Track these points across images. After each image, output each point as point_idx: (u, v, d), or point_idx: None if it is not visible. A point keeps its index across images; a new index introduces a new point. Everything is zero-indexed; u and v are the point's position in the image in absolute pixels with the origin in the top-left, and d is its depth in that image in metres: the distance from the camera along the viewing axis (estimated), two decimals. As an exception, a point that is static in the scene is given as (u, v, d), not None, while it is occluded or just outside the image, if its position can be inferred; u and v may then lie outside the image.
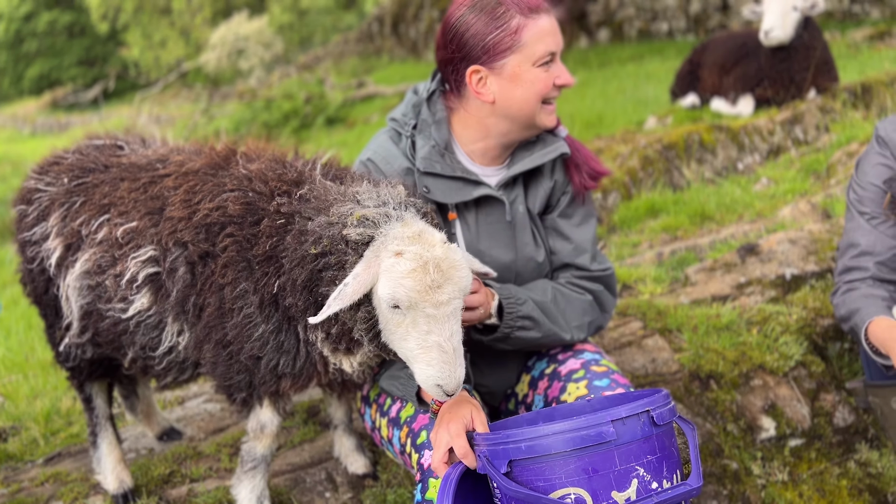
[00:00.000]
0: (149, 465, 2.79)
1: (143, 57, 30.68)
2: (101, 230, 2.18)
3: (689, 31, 13.67)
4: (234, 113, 18.66)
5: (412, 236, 1.66)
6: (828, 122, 5.75)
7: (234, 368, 2.03)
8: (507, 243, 2.15)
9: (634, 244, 4.56)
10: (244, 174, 2.00)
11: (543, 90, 2.03)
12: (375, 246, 1.66)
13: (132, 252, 2.09)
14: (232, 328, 1.96)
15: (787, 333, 3.18)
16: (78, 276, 2.22)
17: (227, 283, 1.94)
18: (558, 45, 2.02)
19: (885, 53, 8.38)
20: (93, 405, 2.59)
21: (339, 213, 1.73)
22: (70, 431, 3.43)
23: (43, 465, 3.03)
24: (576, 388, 2.05)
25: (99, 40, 39.53)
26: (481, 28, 1.99)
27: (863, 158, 2.64)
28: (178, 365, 2.23)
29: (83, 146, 2.44)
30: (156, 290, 2.10)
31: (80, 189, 2.29)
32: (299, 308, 1.79)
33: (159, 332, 2.15)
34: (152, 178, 2.16)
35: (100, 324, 2.24)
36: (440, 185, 2.10)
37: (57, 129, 31.17)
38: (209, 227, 1.96)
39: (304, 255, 1.73)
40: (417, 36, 19.85)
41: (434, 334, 1.63)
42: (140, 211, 2.12)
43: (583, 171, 2.21)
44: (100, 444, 2.58)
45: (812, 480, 2.83)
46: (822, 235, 3.79)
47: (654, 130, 6.21)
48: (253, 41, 24.36)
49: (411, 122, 2.18)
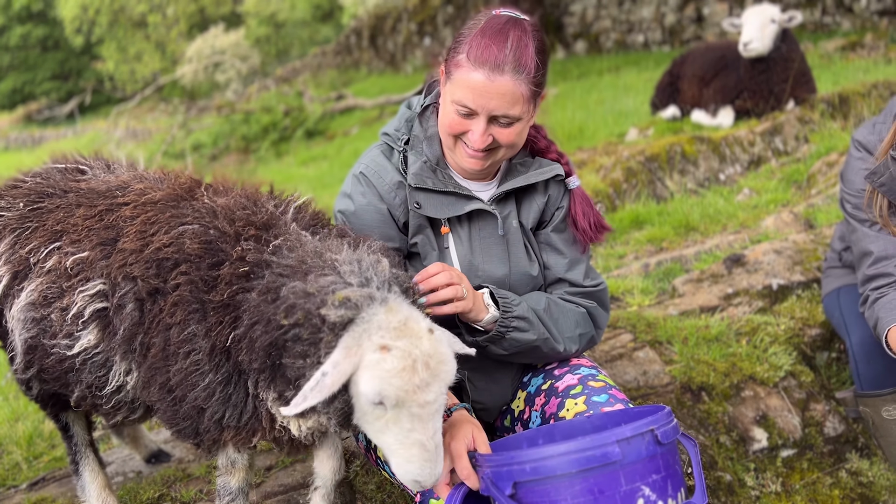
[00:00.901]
0: (137, 489, 2.74)
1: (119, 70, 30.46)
2: (50, 258, 2.04)
3: (665, 43, 13.82)
4: (212, 126, 18.53)
5: (398, 327, 1.55)
6: (807, 132, 5.83)
7: (179, 414, 1.87)
8: (501, 257, 2.15)
9: (620, 255, 4.57)
10: (208, 208, 1.87)
11: (448, 129, 2.00)
12: (356, 332, 1.54)
13: (80, 285, 1.94)
14: (176, 373, 1.80)
15: (775, 344, 3.20)
16: (23, 307, 2.06)
17: (175, 324, 1.78)
18: (481, 106, 1.91)
19: (857, 63, 8.53)
20: (71, 433, 2.49)
21: (318, 286, 1.59)
22: (53, 455, 3.36)
23: (27, 491, 2.96)
24: (574, 405, 2.03)
25: (73, 54, 39.17)
26: (455, 40, 2.00)
27: (845, 168, 2.67)
28: (127, 405, 2.09)
29: (45, 169, 2.32)
30: (103, 327, 1.94)
31: (33, 214, 2.15)
32: (253, 366, 1.67)
33: (106, 371, 2.00)
34: (110, 206, 2.02)
35: (45, 360, 2.08)
36: (432, 200, 2.10)
37: (31, 143, 30.78)
38: (161, 262, 1.82)
39: (272, 320, 1.60)
40: (395, 48, 19.88)
41: (417, 432, 1.55)
42: (92, 240, 1.98)
43: (590, 220, 2.20)
44: (82, 471, 2.51)
45: (805, 491, 2.84)
46: (807, 245, 3.82)
47: (636, 142, 6.26)
48: (229, 54, 24.27)
49: (404, 137, 2.17)
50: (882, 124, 2.58)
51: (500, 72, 1.88)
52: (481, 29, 1.93)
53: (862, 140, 2.61)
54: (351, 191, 2.16)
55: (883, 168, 2.47)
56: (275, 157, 15.49)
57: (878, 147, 2.54)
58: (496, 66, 1.88)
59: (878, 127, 2.59)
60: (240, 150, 16.71)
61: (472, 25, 1.98)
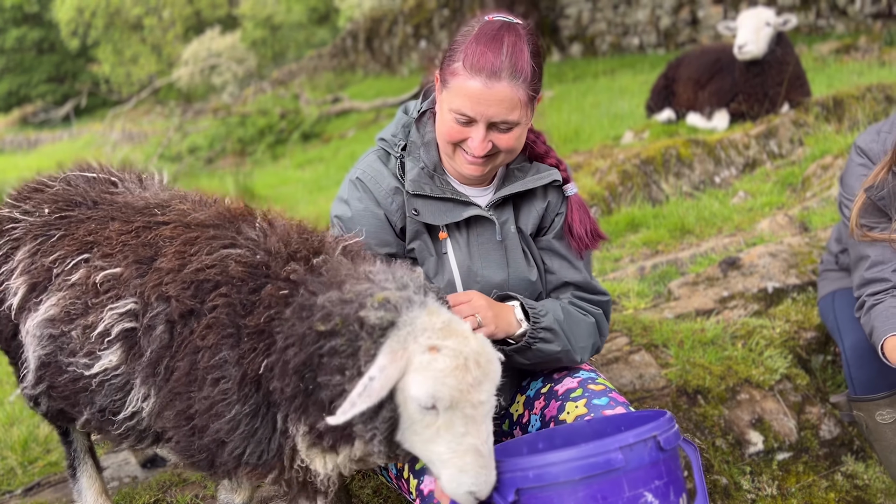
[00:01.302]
0: (132, 494, 2.73)
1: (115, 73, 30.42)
2: (76, 271, 1.93)
3: (660, 46, 13.84)
4: (208, 129, 18.51)
5: (443, 328, 1.52)
6: (801, 135, 5.85)
7: (196, 446, 1.78)
8: (500, 263, 2.15)
9: (616, 259, 4.58)
10: (263, 229, 1.80)
11: (447, 136, 2.00)
12: (400, 335, 1.50)
13: (110, 303, 1.84)
14: (201, 401, 1.70)
15: (771, 347, 3.21)
16: (40, 322, 1.95)
17: (206, 347, 1.70)
18: (479, 113, 1.91)
19: (851, 66, 8.55)
20: (70, 438, 2.47)
21: (355, 292, 1.55)
22: (48, 459, 3.36)
23: (22, 496, 2.96)
24: (574, 408, 2.04)
25: (69, 56, 39.06)
26: (450, 48, 1.99)
27: (845, 173, 2.67)
28: (137, 433, 1.98)
29: (72, 176, 2.23)
30: (128, 348, 1.85)
31: (61, 222, 2.05)
32: (285, 394, 1.60)
33: (124, 395, 1.90)
34: (148, 224, 1.92)
35: (57, 377, 1.99)
36: (430, 206, 2.10)
37: (26, 146, 30.69)
38: (201, 283, 1.74)
39: (306, 334, 1.54)
40: (391, 51, 19.89)
41: (471, 436, 1.49)
42: (128, 257, 1.88)
43: (586, 228, 2.20)
44: (79, 477, 2.50)
45: (801, 494, 2.85)
46: (802, 248, 3.83)
47: (632, 145, 6.27)
48: (225, 57, 24.26)
49: (401, 142, 2.16)
50: (888, 134, 2.55)
51: (498, 78, 1.88)
52: (476, 36, 1.92)
53: (864, 147, 2.59)
54: (348, 196, 2.16)
55: (883, 183, 2.47)
56: (271, 160, 15.47)
57: (880, 156, 2.53)
58: (493, 73, 1.88)
59: (882, 135, 2.56)
60: (236, 153, 16.69)
61: (465, 32, 1.97)
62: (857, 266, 2.61)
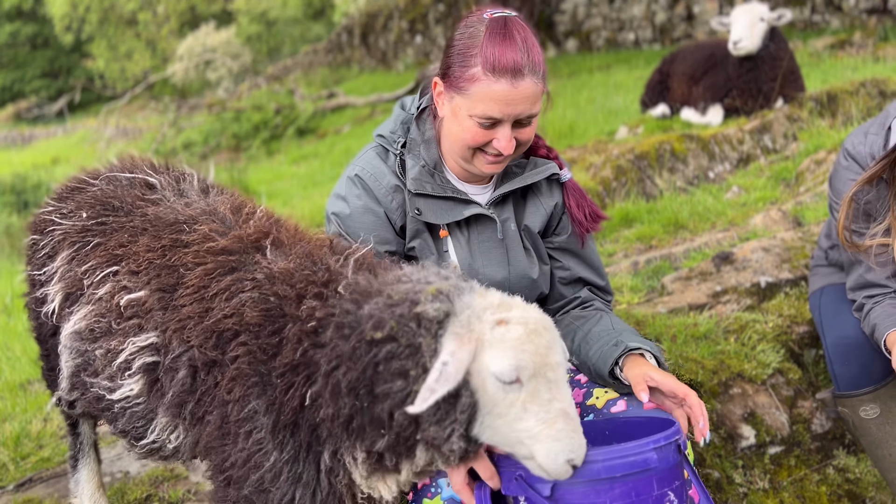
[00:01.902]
0: (125, 488, 2.74)
1: (109, 68, 30.33)
2: (104, 285, 1.91)
3: (655, 41, 13.84)
4: (202, 125, 18.47)
5: (500, 304, 1.52)
6: (795, 130, 5.85)
7: (232, 497, 1.73)
8: (500, 261, 2.14)
9: (610, 253, 4.58)
10: (267, 273, 1.74)
11: (470, 143, 1.97)
12: (461, 321, 1.48)
13: (132, 333, 1.83)
14: (236, 453, 1.67)
15: (763, 341, 3.21)
16: (70, 334, 1.97)
17: (234, 401, 1.66)
18: (507, 114, 1.91)
19: (846, 62, 8.56)
20: (78, 430, 2.49)
21: (402, 292, 1.52)
22: (41, 455, 3.35)
23: (14, 492, 2.95)
24: (604, 392, 2.04)
25: (63, 52, 38.95)
26: (454, 54, 1.96)
27: (833, 176, 2.63)
28: (161, 456, 1.99)
29: (113, 177, 2.18)
30: (150, 382, 1.83)
31: (97, 228, 2.02)
32: (340, 419, 1.54)
33: (146, 423, 1.88)
34: (174, 242, 1.88)
35: (85, 392, 2.01)
36: (431, 205, 2.09)
37: (20, 141, 30.61)
38: (221, 333, 1.70)
39: (355, 348, 1.50)
40: (387, 46, 19.85)
41: (557, 401, 1.48)
42: (151, 280, 1.85)
43: (585, 211, 2.21)
44: (80, 468, 2.51)
45: (792, 487, 2.86)
46: (795, 243, 3.84)
47: (626, 140, 6.27)
48: (220, 52, 24.20)
49: (400, 139, 2.15)
50: (875, 136, 2.50)
51: (521, 76, 1.87)
52: (488, 37, 1.89)
53: (851, 149, 2.55)
54: (346, 193, 2.14)
55: (869, 188, 2.43)
56: (266, 156, 15.45)
57: (867, 160, 2.48)
58: (516, 72, 1.87)
59: (869, 138, 2.52)
60: (231, 149, 16.67)
61: (472, 35, 1.93)
62: (852, 268, 2.59)
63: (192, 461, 2.41)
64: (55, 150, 25.11)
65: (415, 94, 2.27)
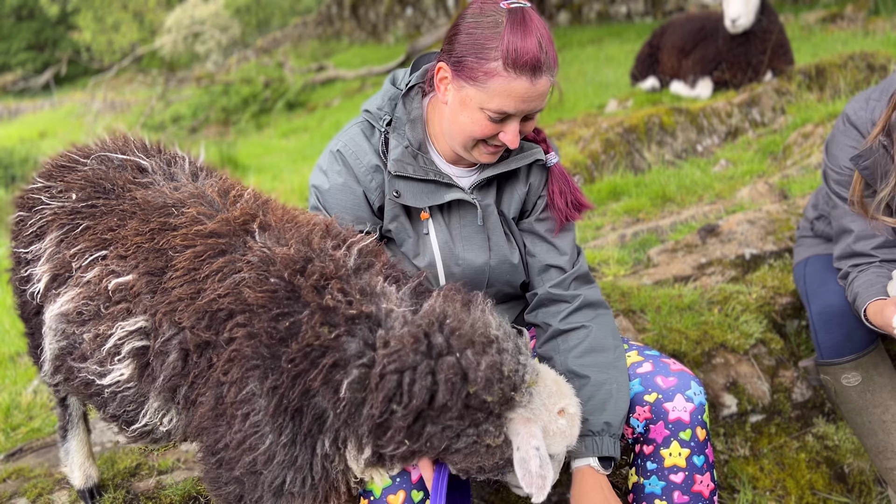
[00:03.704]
0: (114, 458, 2.76)
1: (96, 41, 29.89)
2: (92, 268, 1.89)
3: (647, 14, 13.78)
4: (191, 98, 18.32)
5: (557, 390, 1.71)
6: (784, 103, 5.87)
7: (223, 478, 1.75)
8: (481, 245, 2.13)
9: (598, 227, 4.60)
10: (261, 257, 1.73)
11: (478, 135, 1.95)
12: (534, 406, 1.66)
13: (121, 318, 1.81)
14: (231, 435, 1.67)
15: (747, 312, 3.25)
16: (56, 315, 1.94)
17: (230, 383, 1.65)
18: (521, 110, 1.89)
19: (837, 35, 8.56)
20: (67, 402, 2.48)
21: (511, 369, 1.62)
22: (31, 426, 3.37)
23: (4, 461, 2.98)
24: (626, 357, 2.13)
25: (49, 24, 38.37)
26: (469, 43, 1.89)
27: (830, 142, 2.61)
28: (152, 439, 1.99)
29: (103, 156, 2.13)
30: (141, 367, 1.82)
31: (87, 211, 2.00)
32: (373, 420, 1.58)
33: (137, 407, 1.88)
34: (162, 226, 1.87)
35: (71, 377, 1.99)
36: (412, 188, 2.06)
37: (7, 115, 30.28)
38: (215, 313, 1.70)
39: (454, 383, 1.56)
40: (377, 19, 19.68)
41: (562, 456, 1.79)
42: (140, 264, 1.83)
43: (567, 199, 2.17)
44: (70, 438, 2.52)
45: (772, 454, 2.91)
46: (780, 216, 3.87)
47: (616, 113, 6.27)
48: (209, 24, 23.89)
49: (386, 117, 2.11)
50: (877, 102, 2.48)
51: (540, 74, 1.85)
52: (509, 31, 1.83)
53: (851, 115, 2.53)
54: (327, 168, 2.13)
55: (868, 153, 2.41)
56: (255, 129, 15.37)
57: (868, 126, 2.46)
58: (536, 70, 1.84)
59: (871, 104, 2.50)
60: (220, 122, 16.56)
61: (489, 25, 1.86)
62: (839, 238, 2.60)
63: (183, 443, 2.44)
64: (42, 124, 24.87)
65: (406, 67, 2.24)
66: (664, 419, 1.98)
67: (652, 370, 2.05)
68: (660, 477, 1.98)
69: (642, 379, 2.05)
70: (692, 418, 1.97)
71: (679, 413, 1.97)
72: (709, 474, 1.98)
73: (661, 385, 2.01)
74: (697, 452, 1.97)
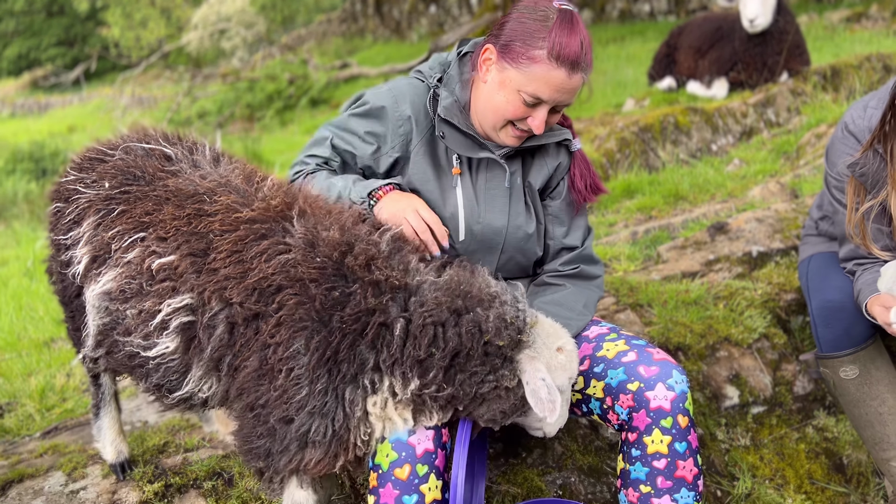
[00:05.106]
0: (144, 436, 2.92)
1: (124, 37, 30.35)
2: (132, 250, 2.04)
3: (671, 13, 13.78)
4: (217, 94, 18.59)
5: (552, 331, 1.95)
6: (799, 104, 5.92)
7: (257, 432, 1.94)
8: (502, 209, 2.27)
9: (611, 223, 4.71)
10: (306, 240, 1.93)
11: (511, 116, 2.12)
12: (537, 346, 1.91)
13: (168, 296, 1.97)
14: (273, 391, 1.88)
15: (751, 307, 3.34)
16: (99, 294, 2.09)
17: (277, 343, 1.86)
18: (554, 99, 2.07)
19: (860, 35, 8.55)
20: (100, 382, 2.62)
21: (510, 315, 1.88)
22: (65, 407, 3.55)
23: (40, 439, 3.15)
24: (614, 345, 2.21)
25: (78, 19, 38.98)
26: (519, 30, 2.07)
27: (830, 148, 2.69)
28: (189, 405, 2.16)
29: (130, 147, 2.29)
30: (187, 339, 1.98)
31: (120, 197, 2.14)
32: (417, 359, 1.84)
33: (181, 377, 2.04)
34: (198, 212, 2.02)
35: (115, 350, 2.14)
36: (455, 136, 2.23)
37: (37, 109, 30.83)
38: (264, 289, 1.89)
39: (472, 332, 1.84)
40: (401, 16, 19.81)
41: (568, 392, 2.03)
42: (181, 245, 1.99)
43: (586, 181, 2.35)
44: (102, 416, 2.67)
45: (772, 445, 3.00)
46: (788, 214, 3.95)
47: (632, 112, 6.35)
48: (235, 21, 24.18)
49: (437, 74, 2.29)
50: (874, 109, 2.54)
51: (577, 70, 2.04)
52: (558, 26, 2.02)
53: (850, 123, 2.60)
54: (372, 100, 2.29)
55: (865, 160, 2.47)
56: (279, 126, 15.58)
57: (865, 134, 2.52)
58: (575, 65, 2.03)
59: (869, 111, 2.56)
60: (245, 118, 16.80)
61: (541, 18, 2.06)
62: (843, 241, 2.69)
63: (209, 412, 2.59)
64: (71, 119, 25.32)
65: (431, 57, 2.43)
66: (646, 407, 2.07)
67: (636, 359, 2.13)
68: (644, 463, 2.07)
69: (626, 368, 2.13)
70: (673, 406, 2.05)
71: (660, 402, 2.06)
72: (692, 460, 2.06)
73: (643, 374, 2.10)
74: (679, 439, 2.05)
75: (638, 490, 2.09)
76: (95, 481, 2.63)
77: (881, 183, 2.45)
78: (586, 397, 2.21)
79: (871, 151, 2.46)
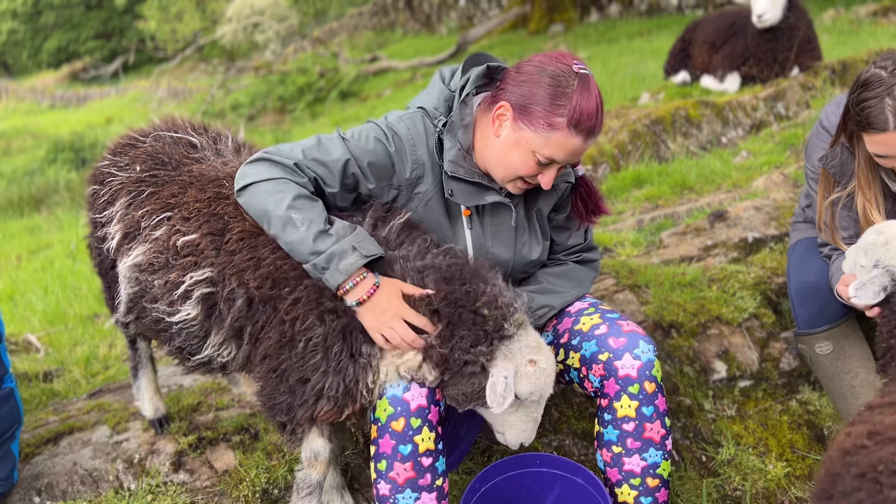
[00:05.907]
0: (180, 396, 3.23)
1: (160, 30, 31.00)
2: (159, 227, 2.26)
3: (698, 7, 13.83)
4: (249, 87, 19.00)
5: (536, 346, 2.10)
6: (808, 98, 6.06)
7: (280, 390, 2.16)
8: (508, 244, 2.39)
9: (619, 212, 4.92)
10: None
11: (522, 173, 2.19)
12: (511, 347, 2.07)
13: (191, 269, 2.19)
14: (294, 357, 2.10)
15: (743, 289, 3.55)
16: (130, 266, 2.31)
17: (293, 319, 2.09)
18: (567, 161, 2.17)
19: (885, 29, 8.57)
20: (137, 346, 2.94)
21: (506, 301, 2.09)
22: (107, 374, 3.88)
23: (87, 399, 3.48)
24: (589, 319, 2.38)
25: (116, 13, 39.80)
26: (539, 94, 2.10)
27: (808, 143, 2.87)
28: (209, 369, 2.38)
29: (160, 135, 2.53)
30: (207, 308, 2.20)
31: (150, 180, 2.37)
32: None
33: (200, 341, 2.26)
34: (217, 195, 2.26)
35: (143, 316, 2.37)
36: (463, 188, 2.27)
37: (76, 101, 31.63)
38: (277, 277, 2.12)
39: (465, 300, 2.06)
40: (431, 10, 20.04)
41: (536, 413, 2.17)
42: (202, 224, 2.21)
43: (588, 205, 2.46)
44: (140, 377, 2.99)
45: (757, 416, 3.22)
46: (785, 203, 4.14)
47: (647, 106, 6.54)
48: (268, 14, 24.61)
49: (442, 118, 2.29)
50: None
51: (592, 137, 2.14)
52: (579, 94, 2.07)
53: (824, 119, 2.77)
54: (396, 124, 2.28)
55: (833, 153, 2.65)
56: (309, 118, 15.91)
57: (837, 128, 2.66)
58: (591, 134, 2.12)
59: (841, 108, 2.67)
60: (276, 111, 17.18)
61: (562, 84, 2.08)
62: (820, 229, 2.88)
63: (235, 375, 2.90)
64: (109, 110, 25.99)
65: (456, 58, 2.60)
66: (615, 376, 2.24)
67: (606, 332, 2.29)
68: (614, 426, 2.27)
69: (598, 340, 2.29)
70: (640, 374, 2.22)
71: (627, 370, 2.22)
72: (659, 422, 2.25)
73: (612, 345, 2.26)
74: (646, 404, 2.22)
75: (611, 451, 2.31)
76: (137, 434, 2.95)
77: (849, 174, 2.65)
78: (567, 367, 2.41)
79: (839, 145, 2.65)
